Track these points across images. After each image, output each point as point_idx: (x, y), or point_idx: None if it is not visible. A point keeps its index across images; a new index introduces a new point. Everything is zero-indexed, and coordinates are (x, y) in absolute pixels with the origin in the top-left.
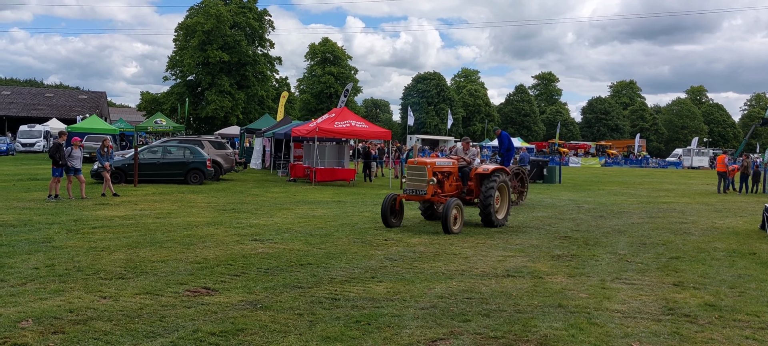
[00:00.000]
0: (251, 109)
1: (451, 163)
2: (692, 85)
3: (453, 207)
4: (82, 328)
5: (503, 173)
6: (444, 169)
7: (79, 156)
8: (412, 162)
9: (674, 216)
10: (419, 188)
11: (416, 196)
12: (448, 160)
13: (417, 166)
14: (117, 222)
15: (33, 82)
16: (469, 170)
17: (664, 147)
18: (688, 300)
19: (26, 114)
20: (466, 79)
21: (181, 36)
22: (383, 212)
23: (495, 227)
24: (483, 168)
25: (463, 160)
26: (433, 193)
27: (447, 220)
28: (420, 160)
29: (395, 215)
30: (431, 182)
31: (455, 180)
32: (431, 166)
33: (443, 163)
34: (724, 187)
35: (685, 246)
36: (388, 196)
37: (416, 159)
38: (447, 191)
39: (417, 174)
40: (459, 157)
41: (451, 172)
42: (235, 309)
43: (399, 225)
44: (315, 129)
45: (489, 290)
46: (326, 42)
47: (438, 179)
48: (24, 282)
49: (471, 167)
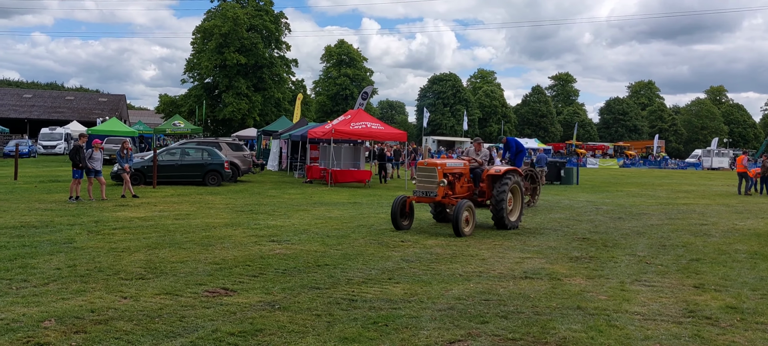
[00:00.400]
0: (268, 112)
1: (462, 164)
2: (712, 85)
3: (464, 209)
4: (104, 328)
5: (516, 174)
6: (455, 170)
7: (99, 158)
8: (422, 163)
9: (694, 218)
10: (429, 190)
11: (426, 198)
12: (459, 161)
13: (427, 168)
14: (137, 223)
15: (54, 85)
16: (480, 172)
17: (684, 148)
18: (709, 303)
19: (47, 117)
20: (482, 80)
21: (199, 39)
22: (393, 214)
23: (508, 229)
24: (495, 169)
25: (474, 162)
26: (444, 195)
27: (458, 222)
28: (430, 162)
29: (405, 217)
30: (442, 184)
31: (467, 181)
32: (442, 167)
33: (454, 164)
34: (746, 188)
35: (706, 248)
36: (398, 198)
37: (426, 160)
38: (458, 193)
39: (427, 175)
40: (470, 159)
41: (462, 173)
42: (254, 310)
43: (409, 227)
44: (331, 131)
45: (507, 291)
46: (342, 44)
47: (449, 180)
48: (46, 282)
49: (483, 169)
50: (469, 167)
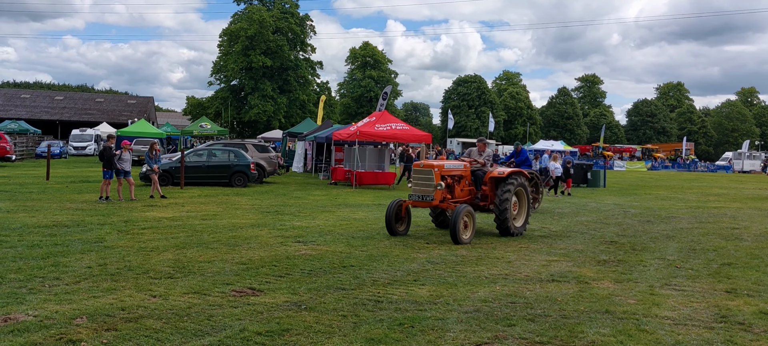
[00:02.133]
0: (293, 113)
1: (463, 166)
2: (743, 87)
3: (463, 214)
4: (134, 325)
5: (521, 176)
6: (454, 172)
7: (128, 159)
8: (418, 165)
9: (725, 221)
10: (425, 193)
11: (422, 202)
12: (459, 162)
13: (423, 170)
14: (165, 223)
15: (84, 87)
16: (483, 174)
17: (714, 150)
18: (742, 308)
19: (78, 118)
20: (508, 81)
21: (225, 42)
22: (387, 218)
23: (512, 236)
24: (498, 171)
25: (476, 163)
26: (442, 199)
27: (456, 228)
28: (426, 163)
29: (401, 222)
30: (439, 187)
31: (468, 184)
32: (439, 169)
33: (453, 166)
34: None
35: (738, 252)
36: (393, 202)
37: (423, 162)
38: (458, 197)
39: (423, 178)
40: (472, 160)
41: (462, 175)
42: (281, 310)
43: (406, 233)
44: (356, 133)
45: (533, 294)
46: (366, 46)
47: (447, 183)
48: (78, 281)
49: (485, 171)
50: (470, 169)
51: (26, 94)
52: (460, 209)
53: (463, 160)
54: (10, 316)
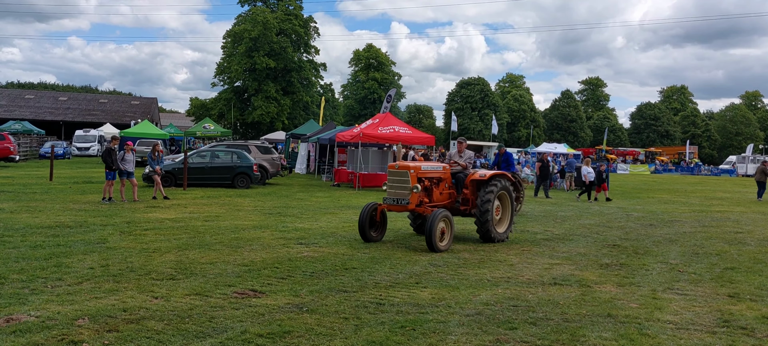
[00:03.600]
0: (296, 115)
1: (442, 167)
2: (747, 90)
3: (439, 220)
4: (136, 327)
5: (504, 179)
6: (432, 174)
7: (131, 160)
8: (393, 166)
9: (728, 225)
10: (401, 197)
11: (397, 206)
12: (438, 164)
13: (398, 171)
14: (167, 224)
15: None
16: (464, 177)
17: (717, 154)
18: (745, 312)
19: (82, 119)
20: (511, 84)
21: (229, 43)
22: (360, 224)
23: (494, 242)
24: (480, 173)
25: (456, 165)
26: (418, 202)
27: (431, 235)
28: (402, 164)
29: (376, 227)
30: (415, 190)
31: (447, 187)
32: (415, 171)
33: (431, 167)
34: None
35: (741, 256)
36: (367, 205)
37: (398, 163)
38: (436, 200)
39: (398, 180)
40: (452, 162)
41: (441, 178)
42: (282, 311)
43: (381, 239)
44: (359, 134)
45: (535, 298)
46: (370, 48)
47: (424, 186)
48: (80, 281)
49: (466, 173)
50: (449, 171)
51: (30, 94)
52: (437, 214)
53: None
54: (13, 316)
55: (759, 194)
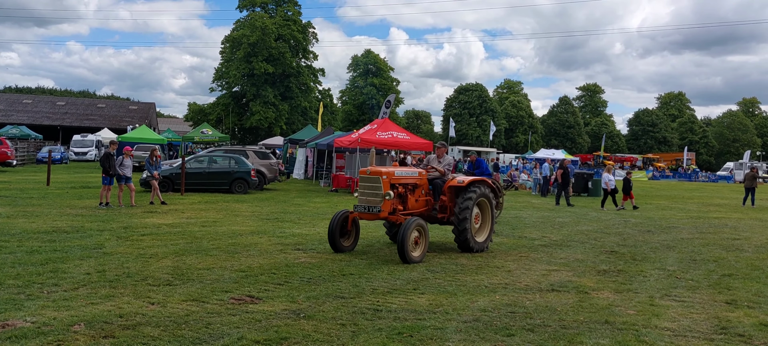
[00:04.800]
0: (294, 120)
1: (417, 173)
2: (744, 97)
3: (412, 229)
4: (132, 333)
5: (483, 186)
6: (406, 180)
7: (129, 165)
8: (365, 171)
9: (726, 232)
10: (372, 204)
11: (368, 213)
12: (414, 169)
13: (370, 177)
14: (165, 230)
15: (86, 93)
16: (442, 183)
17: (715, 161)
18: (742, 319)
19: (79, 124)
20: (509, 90)
21: (228, 48)
22: (330, 232)
23: (473, 252)
24: (459, 179)
25: (434, 171)
26: (392, 210)
27: (404, 245)
28: (374, 169)
29: (347, 236)
30: (387, 197)
31: (424, 194)
32: (388, 176)
33: (406, 173)
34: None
35: (738, 263)
36: (337, 213)
37: (369, 168)
38: (412, 208)
39: (370, 187)
40: (430, 167)
41: (417, 184)
42: (279, 318)
43: (352, 248)
44: (357, 140)
45: (533, 304)
46: (369, 53)
47: (399, 192)
48: (76, 287)
49: (445, 179)
50: (426, 177)
51: (28, 99)
52: (410, 223)
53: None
54: (8, 322)
55: (749, 200)
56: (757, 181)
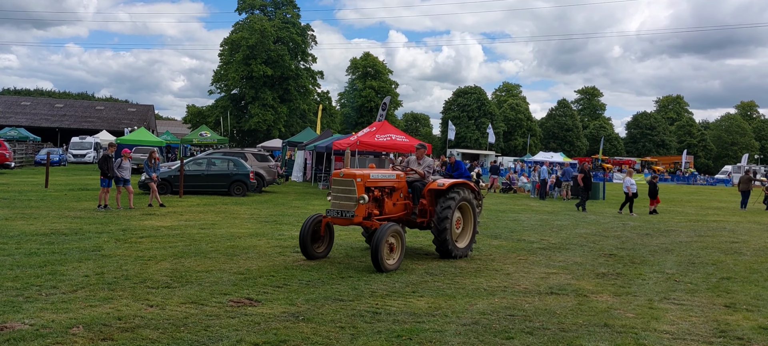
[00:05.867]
0: (293, 123)
1: (395, 175)
2: (742, 100)
3: (388, 235)
4: (130, 335)
5: (465, 189)
6: (383, 183)
7: (128, 167)
8: (338, 174)
9: (724, 235)
10: (345, 209)
11: (341, 219)
12: (391, 172)
13: (343, 180)
14: (163, 232)
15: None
16: (422, 186)
17: (713, 164)
18: (741, 322)
19: (78, 126)
20: (508, 93)
21: (227, 51)
22: (301, 238)
23: (454, 258)
24: (439, 182)
25: (413, 173)
26: (366, 215)
27: (377, 252)
28: (347, 172)
29: (320, 242)
30: (361, 201)
31: (402, 198)
32: (363, 179)
33: (382, 175)
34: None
35: (737, 266)
36: (309, 218)
37: (343, 170)
38: (389, 212)
39: (343, 190)
40: (409, 169)
41: (394, 187)
42: (278, 320)
43: (326, 255)
44: (356, 142)
45: (532, 307)
46: (367, 56)
47: (374, 195)
48: (75, 289)
49: (425, 182)
50: (405, 180)
51: (26, 101)
52: (385, 229)
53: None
54: (6, 324)
55: (743, 203)
56: (752, 184)
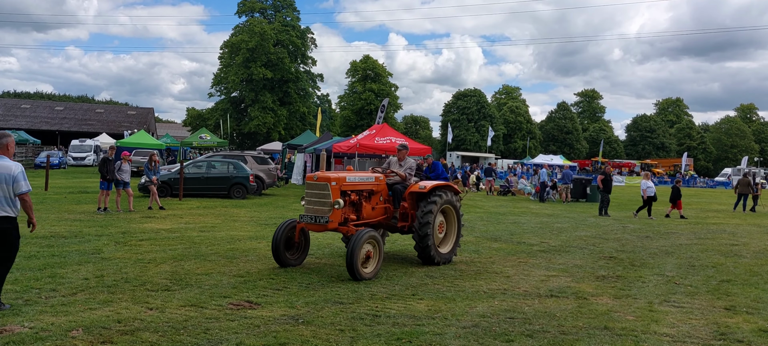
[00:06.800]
0: (293, 125)
1: (373, 178)
2: (742, 103)
3: (364, 241)
4: (130, 338)
5: (448, 192)
6: (361, 186)
7: (127, 170)
8: (312, 177)
9: (724, 238)
10: (319, 214)
11: (315, 225)
12: (370, 174)
13: (317, 183)
14: (163, 235)
15: (85, 98)
16: (403, 189)
17: (713, 166)
18: (741, 325)
19: (78, 129)
20: (507, 95)
21: (227, 53)
22: (274, 245)
23: (436, 264)
24: (421, 184)
25: (394, 175)
26: (343, 220)
27: (352, 261)
28: (321, 175)
29: (294, 248)
30: (336, 206)
31: (382, 201)
32: (338, 182)
33: (359, 178)
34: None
35: (737, 269)
36: (283, 223)
37: (316, 173)
38: (369, 217)
39: (317, 195)
40: (389, 171)
41: (373, 190)
42: (278, 323)
43: (300, 262)
44: (356, 145)
45: (532, 310)
46: (367, 59)
47: (351, 199)
48: (74, 292)
49: (406, 184)
50: (385, 182)
51: (26, 104)
52: (361, 235)
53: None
54: (6, 328)
55: (740, 205)
56: (750, 188)
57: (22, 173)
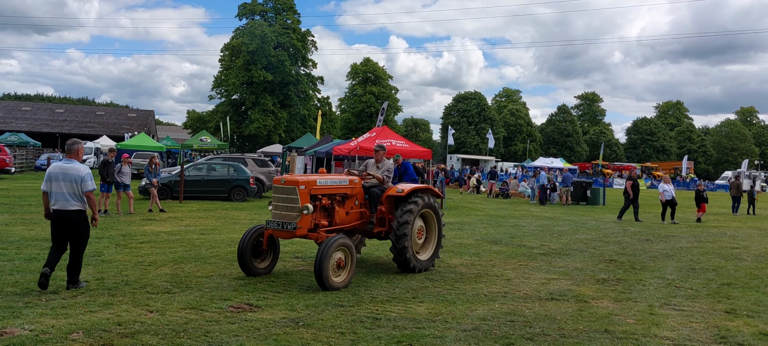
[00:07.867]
0: (293, 128)
1: (347, 181)
2: (742, 106)
3: (334, 248)
4: (130, 341)
5: (428, 195)
6: (333, 190)
7: (128, 172)
8: (279, 180)
9: (725, 241)
10: (286, 220)
11: (283, 231)
12: (343, 177)
13: (284, 187)
14: (163, 237)
15: (85, 100)
16: (381, 192)
17: (713, 169)
18: (742, 329)
19: (78, 131)
20: (507, 98)
21: (227, 56)
22: (240, 253)
23: (415, 272)
24: (399, 188)
25: (371, 178)
26: (313, 226)
27: (321, 269)
28: (289, 179)
29: (262, 256)
30: (305, 211)
31: (358, 205)
32: (307, 186)
33: (331, 182)
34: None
35: (737, 272)
36: (250, 230)
37: (284, 176)
38: (342, 222)
39: (284, 199)
40: (366, 174)
41: (347, 194)
42: (278, 326)
43: (269, 271)
44: (356, 148)
45: (532, 313)
46: (368, 62)
47: (322, 204)
48: (75, 295)
49: (384, 188)
50: (361, 186)
51: (27, 106)
52: (330, 243)
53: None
54: (6, 330)
55: (734, 209)
56: (740, 190)
57: (89, 174)
